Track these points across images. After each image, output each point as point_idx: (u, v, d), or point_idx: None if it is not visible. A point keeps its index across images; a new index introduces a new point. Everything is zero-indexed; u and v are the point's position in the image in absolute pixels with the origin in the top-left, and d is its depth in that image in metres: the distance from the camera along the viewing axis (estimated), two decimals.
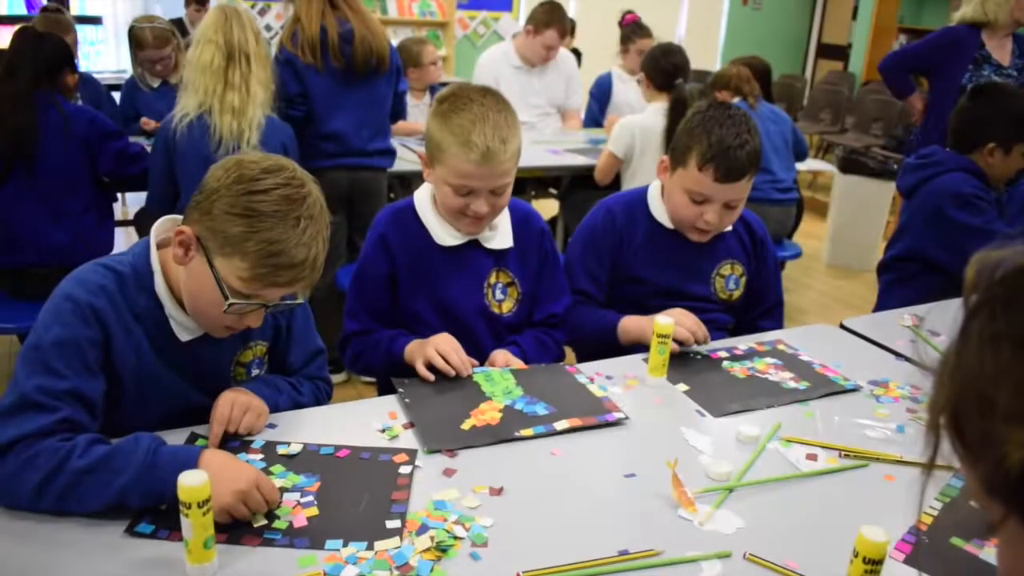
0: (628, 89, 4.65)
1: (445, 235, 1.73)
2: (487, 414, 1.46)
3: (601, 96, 4.82)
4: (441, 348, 1.59)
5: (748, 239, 2.01)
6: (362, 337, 1.77)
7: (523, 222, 1.83)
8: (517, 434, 1.40)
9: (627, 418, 1.48)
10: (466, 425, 1.43)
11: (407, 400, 1.50)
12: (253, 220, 1.23)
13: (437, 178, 1.67)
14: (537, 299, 1.85)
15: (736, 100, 3.75)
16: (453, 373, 1.57)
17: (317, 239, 1.28)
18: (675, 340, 1.67)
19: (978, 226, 2.26)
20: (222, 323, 1.33)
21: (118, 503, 1.13)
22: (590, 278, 1.95)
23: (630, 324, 1.85)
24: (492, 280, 1.79)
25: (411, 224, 1.75)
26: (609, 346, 1.85)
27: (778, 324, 2.05)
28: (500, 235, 1.78)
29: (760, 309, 2.04)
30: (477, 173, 1.60)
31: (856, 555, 1.00)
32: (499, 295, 1.80)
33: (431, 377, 1.58)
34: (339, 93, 3.01)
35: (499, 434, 1.40)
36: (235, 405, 1.34)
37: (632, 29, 4.72)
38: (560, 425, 1.44)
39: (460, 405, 1.49)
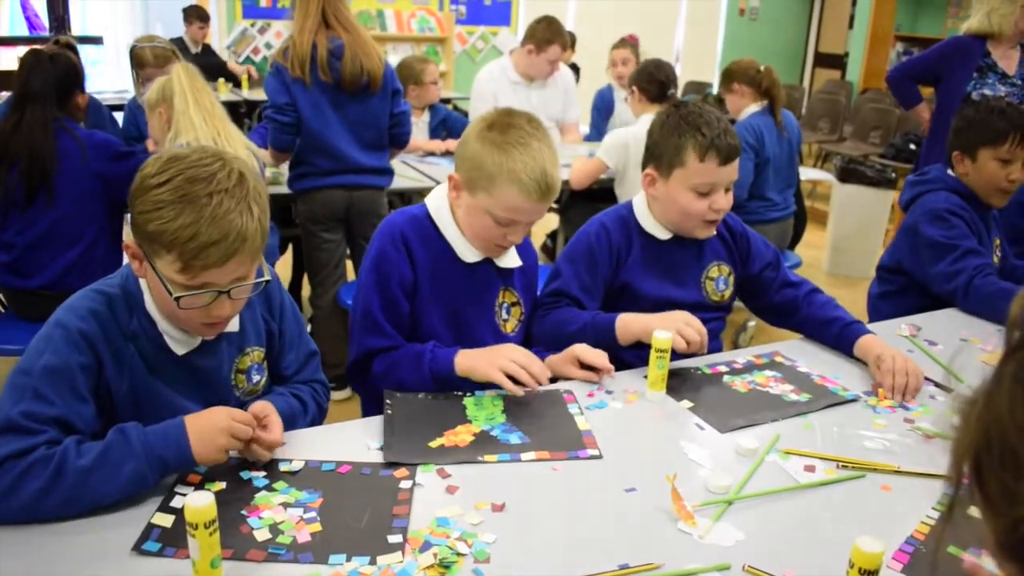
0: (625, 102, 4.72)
1: (466, 251, 1.72)
2: (459, 435, 1.46)
3: (605, 108, 4.86)
4: (518, 359, 1.57)
5: (729, 237, 2.03)
6: (390, 352, 1.70)
7: (524, 248, 1.85)
8: (480, 458, 1.40)
9: (601, 456, 1.43)
10: (434, 443, 1.43)
11: (390, 412, 1.51)
12: (162, 212, 1.24)
13: (475, 205, 1.65)
14: (530, 319, 1.89)
15: (757, 108, 3.68)
16: (534, 385, 1.57)
17: (239, 209, 1.26)
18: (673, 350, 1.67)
19: (940, 240, 2.26)
20: (194, 320, 1.34)
21: (134, 490, 1.20)
22: (582, 289, 1.92)
23: (630, 319, 1.78)
24: (500, 300, 1.81)
25: (431, 235, 1.73)
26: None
27: (834, 301, 2.00)
28: (510, 255, 1.79)
29: (800, 292, 2.00)
30: (532, 209, 1.62)
31: (852, 566, 1.01)
32: (505, 315, 1.82)
33: (518, 391, 1.57)
34: (329, 108, 3.04)
35: (462, 456, 1.40)
36: (274, 418, 1.36)
37: (621, 42, 4.83)
38: (527, 456, 1.42)
39: (437, 424, 1.50)
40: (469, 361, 1.61)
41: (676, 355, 1.71)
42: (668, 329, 1.67)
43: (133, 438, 1.21)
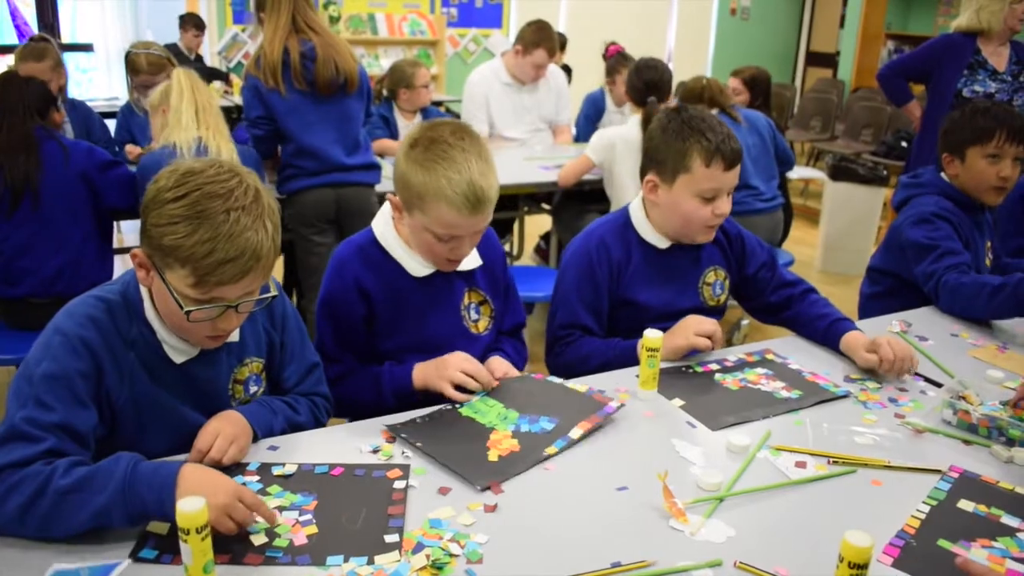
0: (618, 113, 4.72)
1: (417, 266, 1.70)
2: (504, 443, 1.45)
3: (595, 114, 4.85)
4: (466, 369, 1.60)
5: (725, 241, 2.04)
6: (345, 379, 1.72)
7: (485, 240, 1.79)
8: (545, 454, 1.42)
9: (623, 405, 1.56)
10: (493, 456, 1.41)
11: (418, 444, 1.44)
12: (177, 227, 1.22)
13: (415, 225, 1.63)
14: (501, 313, 1.88)
15: (715, 112, 3.74)
16: (481, 389, 1.61)
17: (255, 227, 1.25)
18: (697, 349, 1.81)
19: (922, 241, 2.25)
20: (199, 332, 1.33)
21: (100, 523, 1.14)
22: (590, 310, 1.92)
23: None
24: (466, 301, 1.79)
25: (380, 260, 1.71)
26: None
27: (826, 300, 2.03)
28: (469, 256, 1.75)
29: (795, 291, 2.03)
30: (468, 223, 1.58)
31: (841, 560, 1.02)
32: (474, 315, 1.80)
33: (463, 398, 1.59)
34: (308, 112, 3.05)
35: (529, 459, 1.40)
36: (220, 438, 1.34)
37: (617, 60, 4.75)
38: (575, 433, 1.46)
39: (473, 440, 1.47)
40: (423, 374, 1.64)
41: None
42: (683, 339, 1.80)
43: (120, 469, 1.16)
